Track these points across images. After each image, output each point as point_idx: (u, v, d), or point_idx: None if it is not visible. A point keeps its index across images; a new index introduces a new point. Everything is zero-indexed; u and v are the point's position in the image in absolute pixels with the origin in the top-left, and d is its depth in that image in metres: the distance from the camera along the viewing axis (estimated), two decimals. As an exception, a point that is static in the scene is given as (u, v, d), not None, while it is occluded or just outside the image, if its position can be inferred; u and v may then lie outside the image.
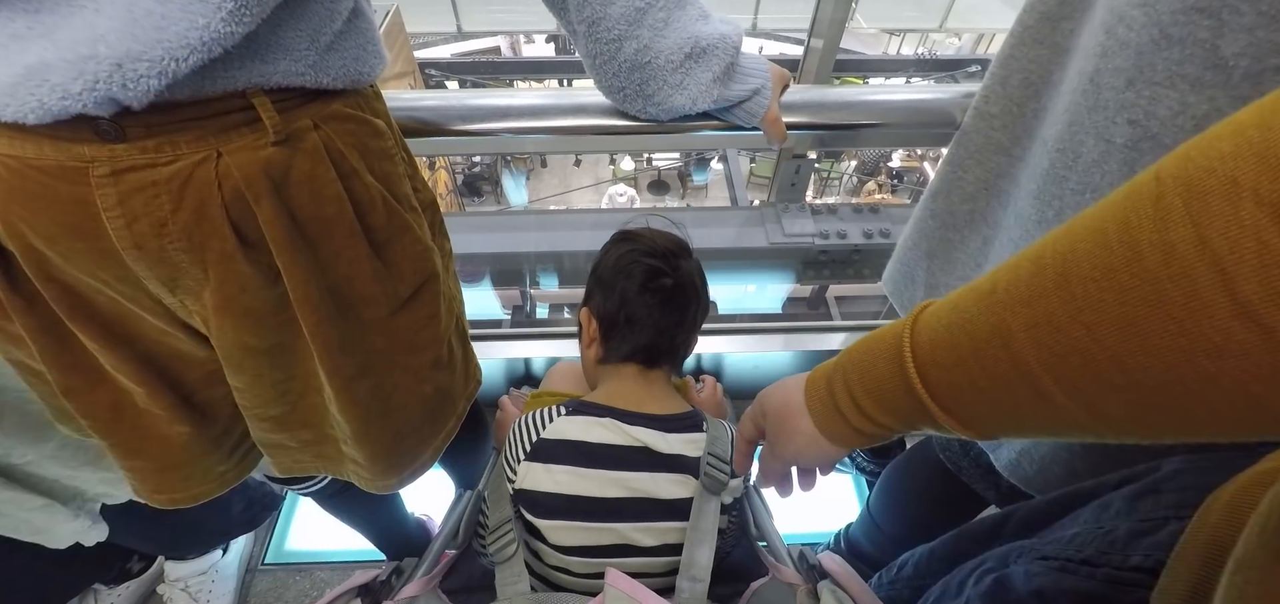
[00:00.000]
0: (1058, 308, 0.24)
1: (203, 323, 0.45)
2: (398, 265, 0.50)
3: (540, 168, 6.31)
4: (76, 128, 0.34)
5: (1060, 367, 0.24)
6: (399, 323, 0.52)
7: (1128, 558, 0.39)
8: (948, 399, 0.30)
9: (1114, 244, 0.22)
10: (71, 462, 0.65)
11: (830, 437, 0.38)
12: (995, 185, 0.61)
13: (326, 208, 0.43)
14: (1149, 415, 0.23)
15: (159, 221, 0.38)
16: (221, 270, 0.41)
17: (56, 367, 0.46)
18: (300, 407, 0.53)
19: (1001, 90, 0.58)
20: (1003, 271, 0.28)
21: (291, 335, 0.48)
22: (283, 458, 0.57)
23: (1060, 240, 0.25)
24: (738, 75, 0.59)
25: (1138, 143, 0.43)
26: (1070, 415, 0.25)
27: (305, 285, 0.44)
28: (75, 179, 0.36)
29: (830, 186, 6.09)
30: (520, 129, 0.67)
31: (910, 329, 0.32)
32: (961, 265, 0.66)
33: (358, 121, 0.45)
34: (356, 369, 0.50)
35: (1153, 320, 0.21)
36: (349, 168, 0.44)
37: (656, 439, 0.61)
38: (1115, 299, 0.22)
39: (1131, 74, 0.43)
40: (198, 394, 0.51)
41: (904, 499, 0.87)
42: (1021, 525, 0.54)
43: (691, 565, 0.55)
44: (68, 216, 0.37)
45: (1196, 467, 0.42)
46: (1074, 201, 0.48)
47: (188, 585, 1.01)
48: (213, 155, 0.38)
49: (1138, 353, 0.22)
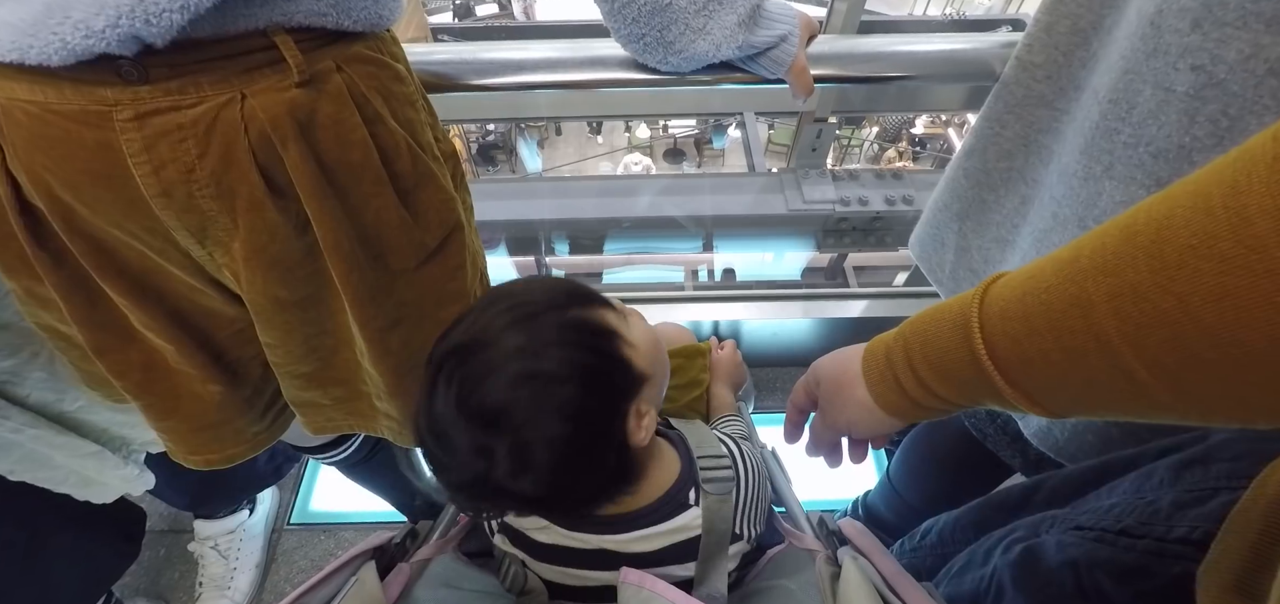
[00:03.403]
0: (1146, 277, 0.23)
1: (233, 276, 0.45)
2: (424, 215, 0.49)
3: (555, 136, 6.25)
4: (99, 70, 0.34)
5: (1144, 339, 0.23)
6: (426, 274, 0.51)
7: (1171, 529, 0.38)
8: (1016, 373, 0.29)
9: (1218, 209, 0.21)
10: (120, 407, 0.66)
11: (886, 408, 0.37)
12: (1036, 141, 0.57)
13: (352, 152, 0.42)
14: (1242, 392, 0.22)
15: (186, 168, 0.38)
16: (250, 218, 0.41)
17: (86, 325, 0.46)
18: (333, 363, 0.53)
19: (1047, 38, 0.54)
20: (1088, 239, 0.26)
21: (321, 287, 0.48)
22: (315, 417, 0.57)
23: (1156, 207, 0.23)
24: (763, 20, 0.56)
25: (1201, 90, 0.40)
26: (1151, 393, 0.24)
27: (335, 232, 0.43)
28: (98, 123, 0.36)
29: (850, 155, 5.95)
30: (534, 84, 0.65)
31: (980, 298, 0.31)
32: (996, 226, 0.63)
33: (379, 65, 0.44)
34: (388, 321, 0.50)
35: (1257, 291, 0.20)
36: (373, 112, 0.43)
37: (616, 541, 0.47)
38: (1214, 268, 0.20)
39: (1199, 14, 0.39)
40: (228, 353, 0.51)
41: (926, 467, 0.86)
42: (1052, 495, 0.53)
43: (705, 581, 0.49)
44: (92, 162, 0.37)
45: (1248, 437, 0.40)
46: (1125, 156, 0.45)
47: (217, 544, 1.04)
48: (237, 97, 0.37)
49: (1234, 325, 0.20)
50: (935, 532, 0.65)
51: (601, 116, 4.90)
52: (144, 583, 1.09)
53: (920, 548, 0.67)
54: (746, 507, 0.53)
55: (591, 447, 0.40)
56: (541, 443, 0.37)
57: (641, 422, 0.43)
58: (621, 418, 0.41)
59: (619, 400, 0.42)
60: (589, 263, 2.15)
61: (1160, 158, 0.43)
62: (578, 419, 0.38)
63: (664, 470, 0.49)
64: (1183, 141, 0.42)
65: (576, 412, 0.38)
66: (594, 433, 0.40)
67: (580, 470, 0.40)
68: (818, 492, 1.18)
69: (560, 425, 0.37)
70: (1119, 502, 0.43)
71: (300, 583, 0.40)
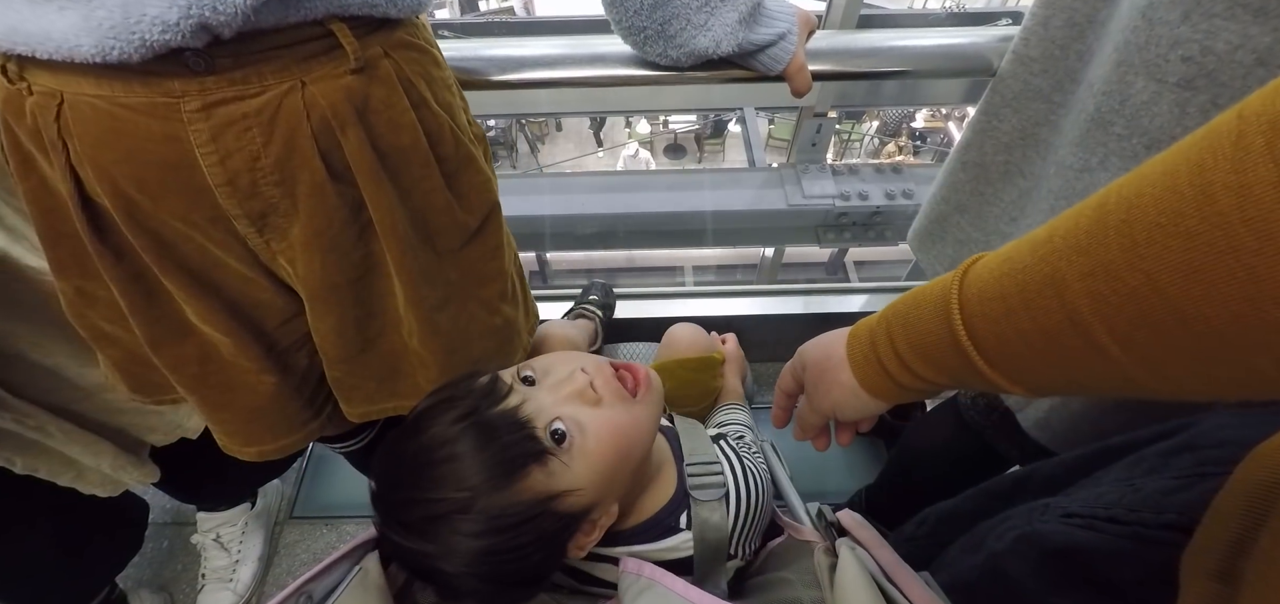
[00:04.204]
0: (1117, 255, 0.23)
1: (287, 263, 0.46)
2: (466, 196, 0.51)
3: (555, 132, 6.24)
4: (166, 62, 0.35)
5: (1115, 317, 0.23)
6: (469, 254, 0.54)
7: (1159, 515, 0.38)
8: (995, 353, 0.29)
9: (1184, 187, 0.21)
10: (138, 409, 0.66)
11: (871, 391, 0.38)
12: (1033, 134, 0.58)
13: (403, 136, 0.44)
14: (1209, 368, 0.22)
15: (252, 156, 0.39)
16: (311, 202, 0.43)
17: (144, 320, 0.47)
18: (379, 345, 0.55)
19: (1043, 32, 0.55)
20: (1062, 220, 0.26)
21: (370, 270, 0.49)
22: (358, 401, 0.59)
23: (1126, 186, 0.24)
24: (763, 18, 0.56)
25: (1192, 80, 0.40)
26: (1123, 368, 0.24)
27: (391, 215, 0.45)
28: (166, 115, 0.37)
29: (850, 149, 5.94)
30: (535, 81, 0.65)
31: (959, 281, 0.31)
32: (994, 220, 0.64)
33: (420, 50, 0.46)
34: (438, 300, 0.52)
35: (1221, 267, 0.20)
36: (418, 96, 0.45)
37: (603, 562, 0.47)
38: (1181, 244, 0.21)
39: (1188, 5, 0.40)
40: (279, 343, 0.53)
41: (924, 458, 0.87)
42: (1046, 483, 0.53)
43: (702, 586, 0.48)
44: (160, 154, 0.38)
45: (1235, 423, 0.40)
46: (1119, 147, 0.46)
47: (219, 535, 1.05)
48: (298, 85, 0.39)
49: (1201, 301, 0.21)
50: (932, 521, 0.66)
51: (602, 113, 4.90)
52: (147, 575, 1.10)
53: (917, 537, 0.68)
54: (744, 531, 0.53)
55: (533, 573, 0.42)
56: (471, 583, 0.39)
57: (593, 532, 0.43)
58: (566, 543, 0.42)
59: (563, 541, 0.42)
60: (588, 260, 2.15)
61: (1154, 148, 0.44)
62: (509, 569, 0.39)
63: (657, 493, 0.50)
64: (1175, 132, 0.42)
65: (508, 567, 0.39)
66: (530, 568, 0.41)
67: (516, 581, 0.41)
68: (817, 484, 1.19)
69: (488, 577, 0.39)
70: (1108, 488, 0.43)
71: (302, 575, 0.40)
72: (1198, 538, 0.33)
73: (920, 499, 0.86)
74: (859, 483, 1.06)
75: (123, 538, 0.89)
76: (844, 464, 1.23)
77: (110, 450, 0.67)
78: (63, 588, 0.81)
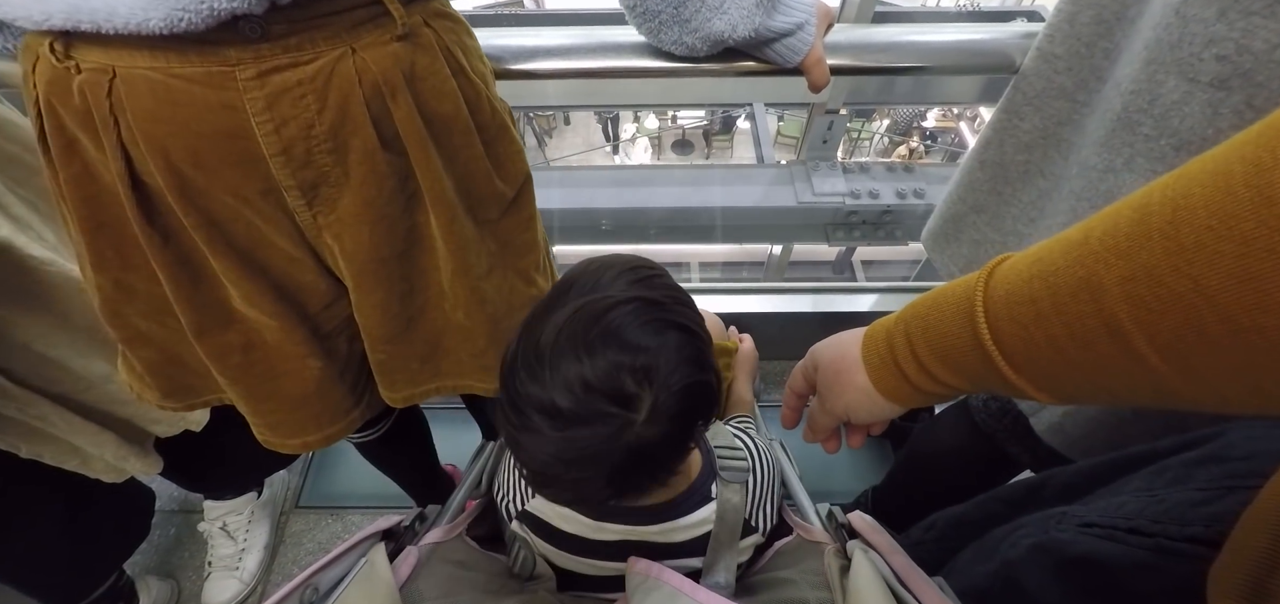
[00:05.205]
0: (1161, 259, 0.22)
1: (333, 239, 0.46)
2: (504, 165, 0.52)
3: (563, 126, 6.23)
4: (221, 31, 0.35)
5: (1157, 324, 0.22)
6: (507, 225, 0.54)
7: (1184, 528, 0.37)
8: (1021, 358, 0.28)
9: (1239, 188, 0.20)
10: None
11: (886, 393, 0.37)
12: (1055, 134, 0.57)
13: (446, 104, 0.44)
14: (1258, 379, 0.21)
15: (307, 123, 0.40)
16: (362, 170, 0.43)
17: (189, 306, 0.47)
18: (421, 323, 0.55)
19: (1069, 28, 0.53)
20: (1099, 221, 0.25)
21: (414, 243, 0.50)
22: (402, 383, 0.58)
23: (1171, 186, 0.23)
24: (782, 6, 0.55)
25: (1226, 80, 0.39)
26: (1162, 378, 0.23)
27: (439, 182, 0.45)
28: (222, 84, 0.37)
29: (859, 148, 5.90)
30: (544, 72, 0.64)
31: (985, 282, 0.30)
32: (1013, 220, 0.62)
33: (454, 19, 0.46)
34: (484, 269, 0.52)
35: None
36: (457, 64, 0.45)
37: (635, 532, 0.48)
38: (1235, 249, 0.20)
39: (1224, 3, 0.38)
40: (323, 326, 0.53)
41: (932, 461, 0.86)
42: (1062, 490, 0.52)
43: (712, 571, 0.51)
44: (216, 123, 0.38)
45: (1266, 434, 0.39)
46: (1146, 148, 0.45)
47: (226, 523, 1.05)
48: (348, 51, 0.39)
49: (1255, 309, 0.19)
50: (940, 525, 0.65)
51: (611, 105, 4.88)
52: (154, 562, 1.10)
53: (925, 542, 0.67)
54: (761, 498, 0.54)
55: (707, 406, 0.41)
56: (681, 392, 0.38)
57: None
58: (719, 378, 0.43)
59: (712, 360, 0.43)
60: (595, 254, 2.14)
61: (1183, 150, 0.42)
62: (705, 369, 0.40)
63: (691, 464, 0.51)
64: (1206, 133, 0.41)
65: (705, 362, 0.40)
66: (710, 393, 0.41)
67: (690, 431, 0.41)
68: (826, 484, 1.18)
69: (698, 373, 0.39)
70: (1130, 499, 0.42)
71: (308, 564, 0.40)
72: (1225, 553, 0.32)
73: (928, 503, 0.85)
74: (865, 484, 1.05)
75: (130, 525, 0.90)
76: (850, 464, 1.22)
77: (113, 440, 0.67)
78: (71, 574, 0.81)
